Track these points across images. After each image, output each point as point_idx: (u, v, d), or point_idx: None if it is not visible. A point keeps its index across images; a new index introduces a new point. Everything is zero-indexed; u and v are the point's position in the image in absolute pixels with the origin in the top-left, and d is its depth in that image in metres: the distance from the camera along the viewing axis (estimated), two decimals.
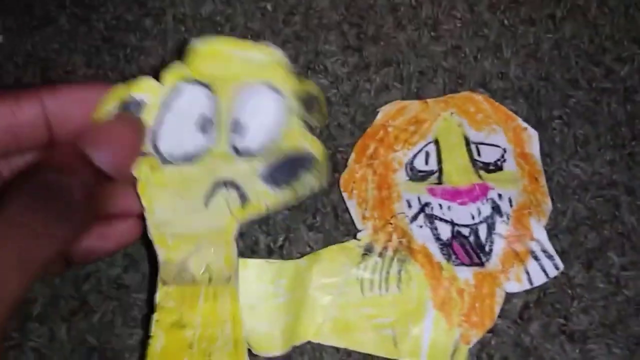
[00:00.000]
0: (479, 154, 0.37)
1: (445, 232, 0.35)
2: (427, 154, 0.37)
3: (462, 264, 0.34)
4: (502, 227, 0.35)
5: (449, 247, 0.35)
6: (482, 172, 0.36)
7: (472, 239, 0.35)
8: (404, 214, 0.36)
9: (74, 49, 0.41)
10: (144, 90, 0.29)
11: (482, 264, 0.34)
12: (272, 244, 0.36)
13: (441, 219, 0.35)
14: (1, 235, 0.23)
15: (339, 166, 0.37)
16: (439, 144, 0.37)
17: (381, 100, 0.39)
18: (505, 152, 0.37)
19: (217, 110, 0.31)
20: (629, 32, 0.40)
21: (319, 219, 0.37)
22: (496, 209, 0.35)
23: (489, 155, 0.37)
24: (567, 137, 0.38)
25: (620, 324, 0.34)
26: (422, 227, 0.35)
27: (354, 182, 0.37)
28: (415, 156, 0.37)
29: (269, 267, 0.34)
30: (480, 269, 0.34)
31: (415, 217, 0.35)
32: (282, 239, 0.36)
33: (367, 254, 0.35)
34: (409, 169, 0.37)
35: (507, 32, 0.40)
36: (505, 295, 0.34)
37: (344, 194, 0.37)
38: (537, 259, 0.34)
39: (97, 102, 0.28)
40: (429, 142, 0.37)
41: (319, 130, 0.35)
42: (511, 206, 0.35)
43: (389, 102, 0.39)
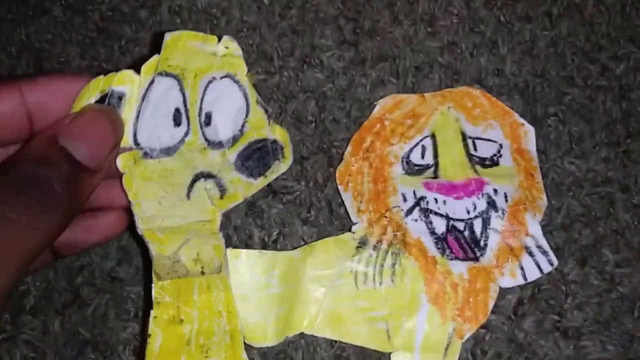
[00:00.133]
0: (476, 149, 0.37)
1: (440, 226, 0.35)
2: (424, 148, 0.37)
3: (457, 259, 0.34)
4: (497, 222, 0.35)
5: (443, 241, 0.35)
6: (478, 167, 0.36)
7: (467, 233, 0.35)
8: (399, 207, 0.35)
9: (69, 40, 0.40)
10: (124, 82, 0.29)
11: (476, 259, 0.34)
12: (267, 238, 0.36)
13: (436, 213, 0.35)
14: None
15: (334, 161, 0.37)
16: (436, 138, 0.37)
17: (377, 95, 0.39)
18: (501, 147, 0.37)
19: (187, 102, 0.31)
20: (625, 30, 0.40)
21: (313, 214, 0.37)
22: (491, 204, 0.35)
23: (485, 150, 0.37)
24: (562, 134, 0.38)
25: (614, 321, 0.34)
26: (417, 220, 0.35)
27: (350, 175, 0.37)
28: (411, 150, 0.37)
29: (262, 257, 0.34)
30: (474, 263, 0.34)
31: (410, 211, 0.35)
32: (276, 233, 0.36)
33: (361, 247, 0.35)
34: (405, 163, 0.37)
35: (503, 29, 0.40)
36: (499, 290, 0.34)
37: (340, 186, 0.36)
38: (531, 254, 0.34)
39: (77, 94, 0.28)
40: (426, 136, 0.37)
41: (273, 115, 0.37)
42: (507, 201, 0.35)
43: (385, 97, 0.38)
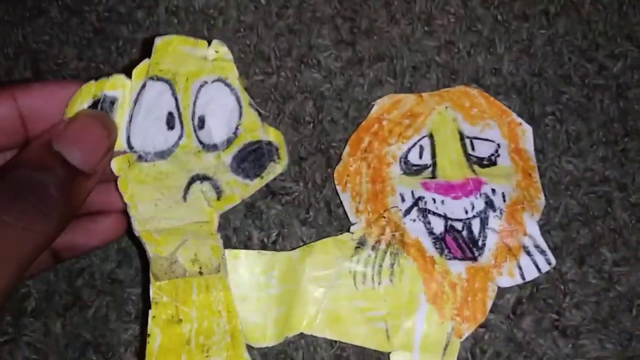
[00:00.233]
0: (473, 149, 0.37)
1: (438, 226, 0.35)
2: (422, 148, 0.37)
3: (455, 258, 0.34)
4: (495, 221, 0.35)
5: (442, 241, 0.35)
6: (476, 167, 0.36)
7: (465, 233, 0.35)
8: (397, 207, 0.36)
9: (66, 41, 0.40)
10: (115, 87, 0.29)
11: (474, 259, 0.34)
12: (266, 239, 0.36)
13: (434, 213, 0.35)
14: None
15: (333, 161, 0.37)
16: (434, 138, 0.37)
17: (374, 95, 0.39)
18: (499, 147, 0.37)
19: (180, 106, 0.31)
20: (622, 29, 0.40)
21: (312, 214, 0.37)
22: (489, 204, 0.35)
23: (483, 150, 0.37)
24: (560, 134, 0.38)
25: (612, 320, 0.34)
26: (415, 221, 0.35)
27: (348, 176, 0.37)
28: (409, 150, 0.37)
29: (261, 258, 0.34)
30: (472, 263, 0.34)
31: (408, 211, 0.35)
32: (275, 234, 0.36)
33: (360, 247, 0.35)
34: (403, 163, 0.37)
35: (500, 28, 0.40)
36: (497, 289, 0.34)
37: (338, 187, 0.36)
38: (529, 254, 0.34)
39: (70, 99, 0.29)
40: (424, 136, 0.37)
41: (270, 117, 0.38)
42: (504, 201, 0.35)
43: (383, 97, 0.38)
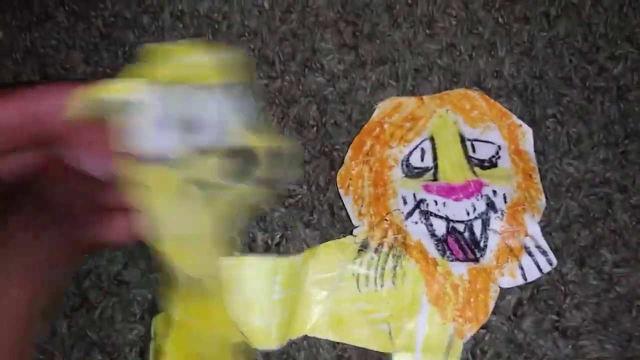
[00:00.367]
0: (474, 151, 0.37)
1: (440, 228, 0.35)
2: (423, 151, 0.37)
3: (457, 260, 0.35)
4: (496, 223, 0.35)
5: (444, 243, 0.35)
6: (477, 169, 0.37)
7: (466, 235, 0.35)
8: (399, 210, 0.36)
9: (72, 46, 0.41)
10: (118, 91, 0.30)
11: (476, 260, 0.35)
12: (269, 241, 0.36)
13: (436, 215, 0.36)
14: (8, 250, 0.24)
15: (336, 164, 0.38)
16: (435, 140, 0.37)
17: (377, 98, 0.39)
18: (499, 149, 0.37)
19: (172, 111, 0.31)
20: (623, 31, 0.40)
21: (315, 217, 0.37)
22: (491, 205, 0.36)
23: (483, 152, 0.37)
24: (561, 136, 0.38)
25: (612, 321, 0.35)
26: (417, 223, 0.36)
27: (350, 179, 0.37)
28: (411, 153, 0.37)
29: (265, 263, 0.34)
30: (474, 264, 0.35)
31: (410, 214, 0.36)
32: (279, 236, 0.36)
33: (362, 250, 0.35)
34: (404, 166, 0.37)
35: (501, 30, 0.40)
36: (499, 290, 0.34)
37: (341, 190, 0.37)
38: (531, 254, 0.35)
39: (73, 102, 0.29)
40: (425, 139, 0.37)
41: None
42: (505, 202, 0.36)
43: (385, 100, 0.39)
